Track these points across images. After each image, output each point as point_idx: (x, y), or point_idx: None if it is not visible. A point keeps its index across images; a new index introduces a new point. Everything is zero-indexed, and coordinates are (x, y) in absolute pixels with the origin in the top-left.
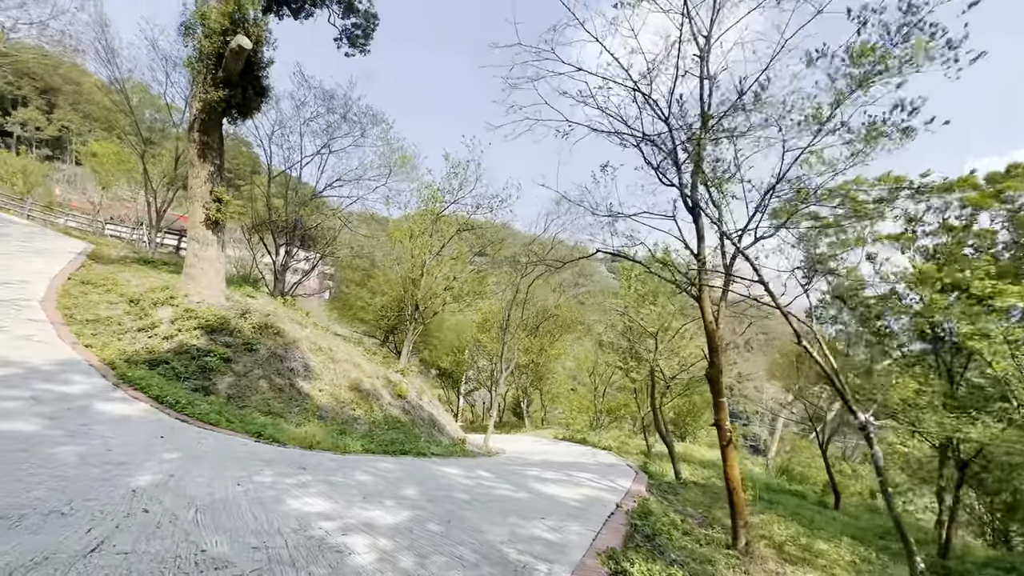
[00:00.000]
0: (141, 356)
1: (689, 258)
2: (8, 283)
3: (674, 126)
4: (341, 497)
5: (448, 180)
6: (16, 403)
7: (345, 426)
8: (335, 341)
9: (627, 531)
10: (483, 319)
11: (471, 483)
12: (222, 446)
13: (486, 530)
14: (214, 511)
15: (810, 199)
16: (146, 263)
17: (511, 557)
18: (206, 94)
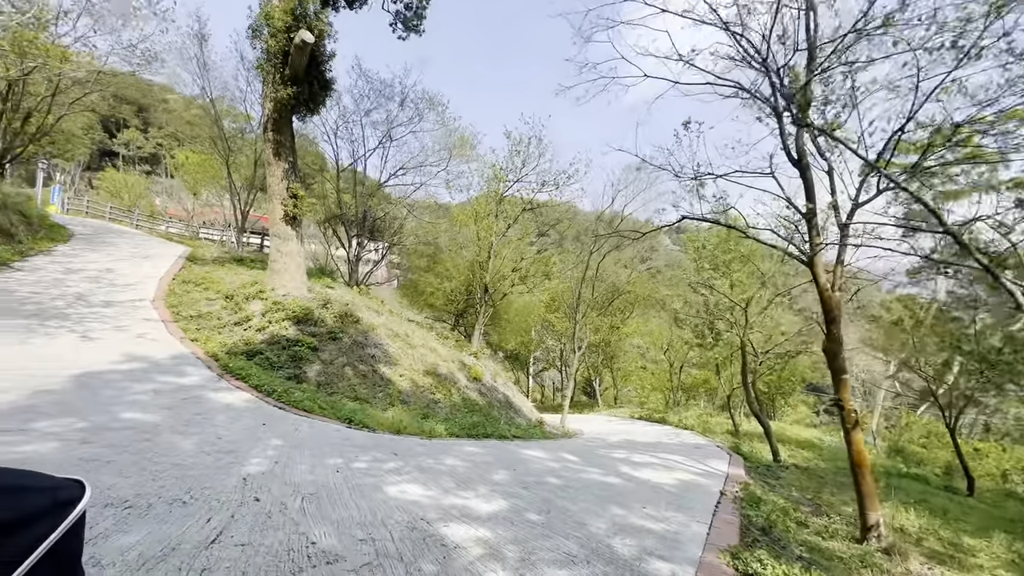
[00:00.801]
0: (239, 348)
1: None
2: (126, 286)
3: (773, 68)
4: (436, 484)
5: (510, 158)
6: (142, 396)
7: (427, 410)
8: (410, 327)
9: (740, 523)
10: (550, 299)
11: (560, 467)
12: (318, 433)
13: (587, 521)
14: (319, 500)
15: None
16: (236, 261)
17: (622, 552)
18: (276, 93)
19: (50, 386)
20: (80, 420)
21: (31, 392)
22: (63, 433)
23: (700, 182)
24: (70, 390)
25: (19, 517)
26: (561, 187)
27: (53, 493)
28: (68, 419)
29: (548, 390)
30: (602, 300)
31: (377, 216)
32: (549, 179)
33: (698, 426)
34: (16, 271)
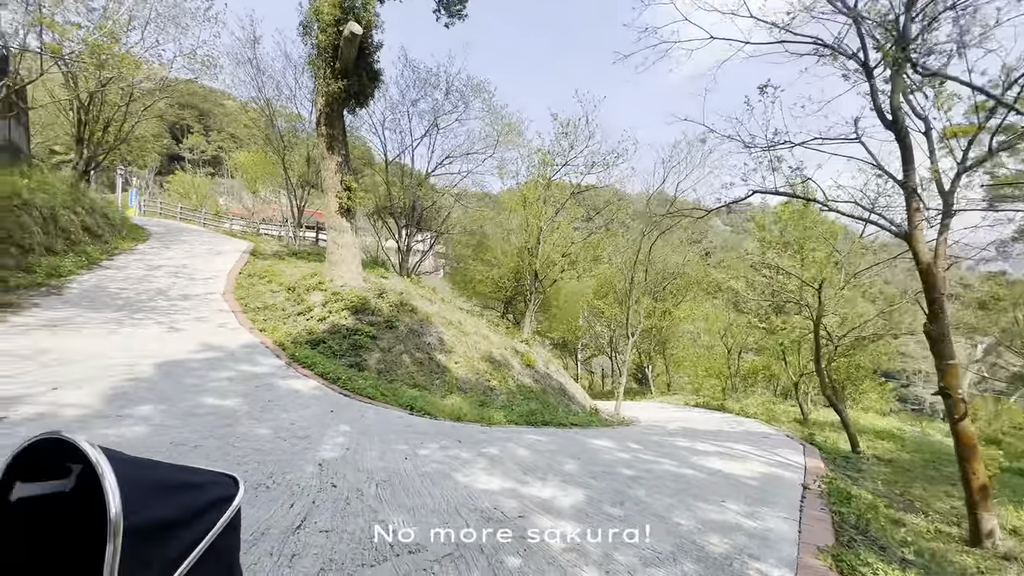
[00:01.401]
0: (303, 337)
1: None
2: (200, 280)
3: (864, 16)
4: (504, 473)
5: (558, 141)
6: (221, 383)
7: (484, 397)
8: (462, 315)
9: (832, 520)
10: (598, 285)
11: (627, 457)
12: (382, 419)
13: (667, 515)
14: (392, 487)
15: None
16: (294, 255)
17: (710, 550)
18: (327, 87)
19: (140, 374)
20: (169, 406)
21: (124, 379)
22: (155, 418)
23: (774, 152)
24: (157, 377)
25: (183, 515)
26: (610, 167)
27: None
28: (158, 405)
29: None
30: (654, 284)
31: (425, 206)
32: (598, 160)
33: (762, 414)
34: (106, 269)
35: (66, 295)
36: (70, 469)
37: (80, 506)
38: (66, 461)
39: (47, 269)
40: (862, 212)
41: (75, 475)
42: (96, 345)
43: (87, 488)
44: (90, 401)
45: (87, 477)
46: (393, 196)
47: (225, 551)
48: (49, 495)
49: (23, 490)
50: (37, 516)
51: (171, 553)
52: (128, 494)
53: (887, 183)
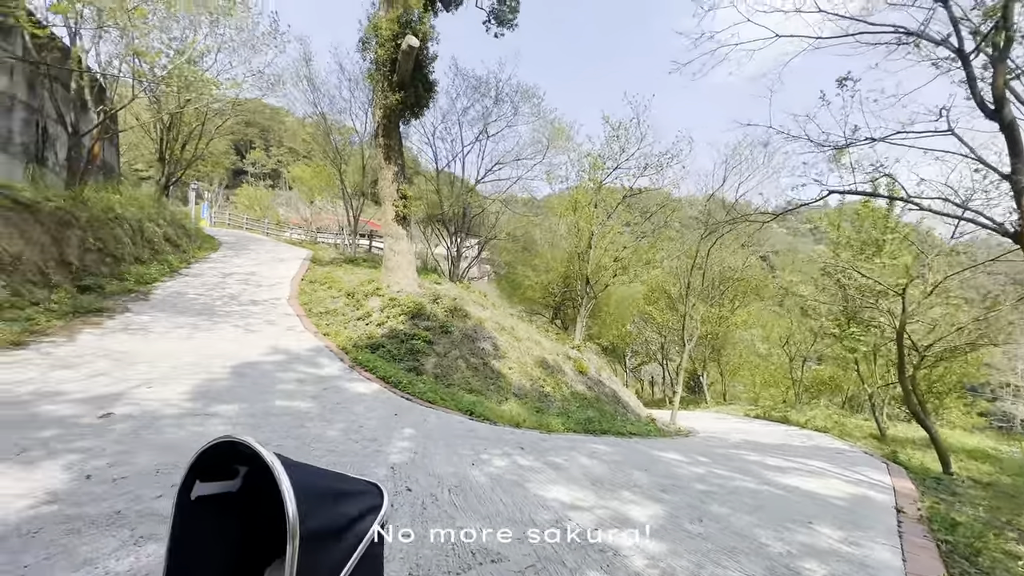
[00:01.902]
0: (363, 341)
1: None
2: (266, 286)
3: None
4: (573, 482)
5: (608, 144)
6: (291, 384)
7: (540, 404)
8: (514, 320)
9: (939, 549)
10: (649, 290)
11: (697, 470)
12: (444, 424)
13: (751, 534)
14: (464, 493)
15: None
16: (350, 262)
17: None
18: (385, 99)
19: (219, 375)
20: (247, 405)
21: (206, 379)
22: (236, 417)
23: (853, 149)
24: (235, 378)
25: (344, 522)
26: (663, 169)
27: (364, 498)
28: (239, 404)
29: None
30: (711, 289)
31: (475, 213)
32: (651, 162)
33: (832, 428)
34: (184, 276)
35: (152, 300)
36: (237, 471)
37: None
38: (234, 463)
39: (136, 276)
40: (954, 209)
41: (241, 476)
42: (180, 346)
43: (252, 488)
44: (179, 399)
45: (253, 478)
46: (443, 203)
47: (376, 559)
48: (220, 494)
49: (201, 489)
50: (211, 513)
51: (336, 557)
52: (300, 500)
53: (984, 178)
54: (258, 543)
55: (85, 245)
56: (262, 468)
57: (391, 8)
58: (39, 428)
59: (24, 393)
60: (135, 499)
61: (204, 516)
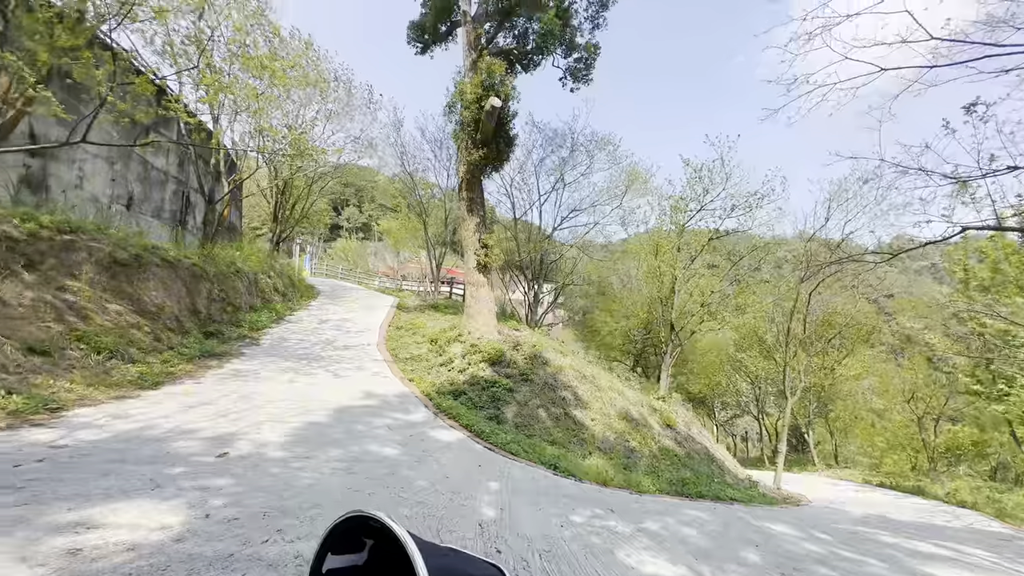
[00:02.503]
0: (446, 388)
1: None
2: (357, 332)
3: None
4: (672, 555)
5: (691, 186)
6: (381, 430)
7: (626, 459)
8: (594, 368)
9: None
10: (741, 337)
11: (820, 550)
12: (528, 478)
13: None
14: (556, 559)
15: None
16: (432, 308)
17: None
18: (469, 156)
19: (318, 418)
20: (343, 451)
21: (305, 423)
22: (331, 463)
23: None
24: (331, 422)
25: None
26: (753, 209)
27: None
28: (335, 449)
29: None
30: (814, 337)
31: (551, 260)
32: (738, 202)
33: (985, 505)
34: (288, 323)
35: (262, 345)
36: (364, 543)
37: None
38: (361, 536)
39: (250, 323)
40: None
41: (367, 549)
42: (284, 390)
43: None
44: (283, 441)
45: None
46: (520, 251)
47: None
48: (348, 567)
49: (332, 562)
50: None
51: None
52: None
53: None
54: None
55: (211, 295)
56: (390, 541)
57: (475, 74)
58: (170, 464)
59: (160, 431)
60: (245, 542)
61: None
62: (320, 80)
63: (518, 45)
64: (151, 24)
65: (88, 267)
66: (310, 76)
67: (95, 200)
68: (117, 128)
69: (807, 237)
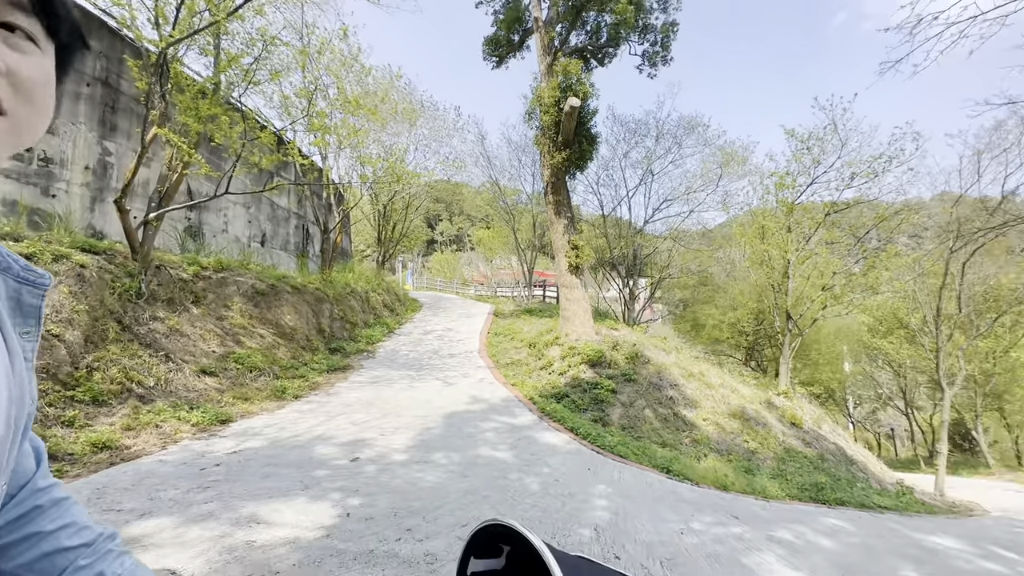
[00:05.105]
0: (548, 391)
1: None
2: (460, 340)
3: None
4: (811, 568)
5: (797, 159)
6: (489, 434)
7: (747, 462)
8: (702, 365)
9: None
10: (876, 320)
11: (1007, 572)
12: (640, 482)
13: None
14: (678, 568)
15: None
16: (527, 312)
17: None
18: (552, 159)
19: (432, 424)
20: (458, 455)
21: (423, 427)
22: (448, 466)
23: None
24: (443, 427)
25: None
26: (879, 175)
27: None
28: (450, 453)
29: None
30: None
31: (645, 254)
32: (859, 169)
33: None
34: (399, 335)
35: (377, 357)
36: (501, 549)
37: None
38: (498, 542)
39: (366, 338)
40: None
41: (504, 555)
42: (400, 397)
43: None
44: (405, 446)
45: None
46: (611, 248)
47: None
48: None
49: (475, 565)
50: None
51: None
52: None
53: None
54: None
55: (332, 315)
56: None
57: (551, 78)
58: (314, 467)
59: (304, 438)
60: (381, 540)
61: None
62: (409, 110)
63: (591, 41)
64: (268, 84)
65: (237, 299)
66: (399, 107)
67: (237, 240)
68: (250, 176)
69: (953, 199)
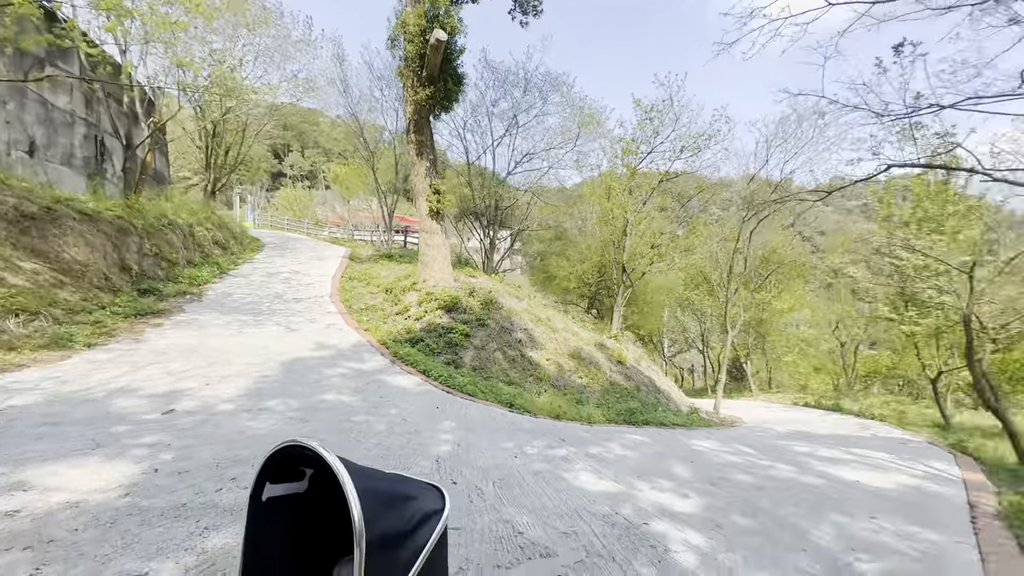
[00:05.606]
0: (403, 336)
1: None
2: (308, 284)
3: None
4: (616, 475)
5: (641, 128)
6: (336, 379)
7: (579, 395)
8: (549, 311)
9: (1021, 549)
10: (689, 276)
11: (742, 462)
12: (486, 417)
13: (806, 528)
14: (509, 486)
15: None
16: (386, 258)
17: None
18: (415, 95)
19: (269, 371)
20: (297, 401)
21: (257, 376)
22: (287, 412)
23: (914, 119)
24: (283, 374)
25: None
26: (701, 151)
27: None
28: (289, 400)
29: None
30: (753, 274)
31: (507, 205)
32: (687, 144)
33: (890, 416)
34: (232, 277)
35: (205, 301)
36: (304, 472)
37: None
38: (300, 465)
39: (189, 279)
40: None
41: (308, 478)
42: (232, 345)
43: (319, 489)
44: (233, 395)
45: (318, 480)
46: (475, 196)
47: (440, 562)
48: (289, 495)
49: (271, 490)
50: (281, 513)
51: (400, 562)
52: (366, 505)
53: None
54: (326, 541)
55: (143, 251)
56: (327, 471)
57: (418, 3)
58: (111, 424)
59: (97, 391)
60: (198, 492)
61: (275, 516)
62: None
63: None
64: None
65: None
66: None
67: None
68: (3, 60)
69: (749, 178)
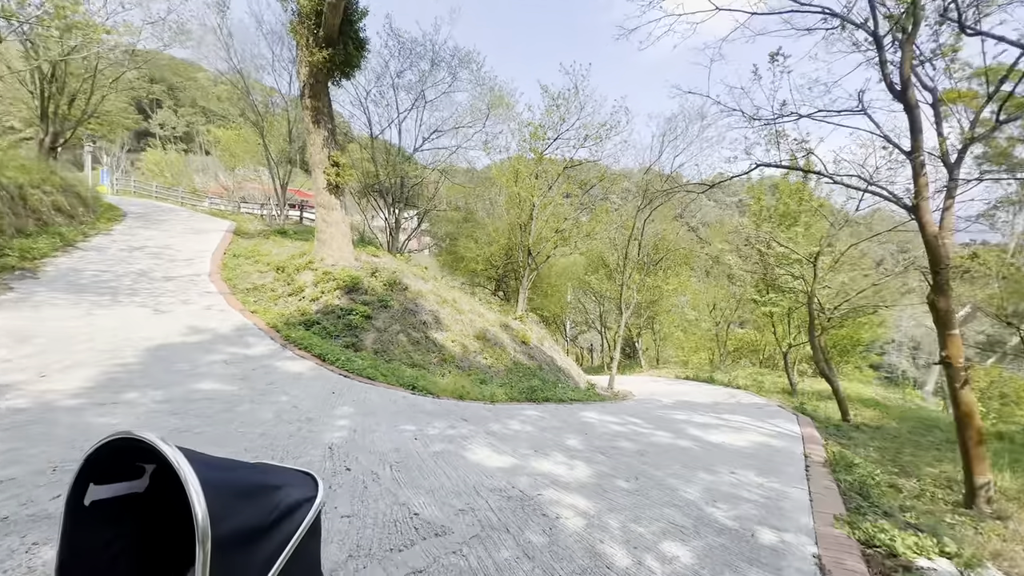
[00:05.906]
0: (296, 318)
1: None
2: (183, 261)
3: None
4: (514, 450)
5: (548, 114)
6: (215, 367)
7: (483, 375)
8: (456, 293)
9: (838, 487)
10: (589, 261)
11: (629, 431)
12: (386, 400)
13: (680, 487)
14: (407, 468)
15: None
16: (279, 234)
17: (728, 522)
18: (311, 57)
19: (128, 359)
20: (162, 391)
21: (112, 364)
22: (150, 404)
23: (778, 125)
24: (147, 362)
25: (268, 519)
26: (603, 140)
27: (292, 490)
28: (153, 391)
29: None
30: (646, 259)
31: (413, 183)
32: (591, 132)
33: (751, 385)
34: (83, 250)
35: (43, 278)
36: (143, 469)
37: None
38: (138, 461)
39: (20, 251)
40: (860, 183)
41: (148, 475)
42: (80, 330)
43: (162, 487)
44: (80, 388)
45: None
46: (379, 172)
47: (310, 553)
48: (125, 496)
49: (97, 492)
50: (113, 518)
51: (259, 558)
52: (212, 500)
53: (891, 154)
54: (174, 545)
55: None
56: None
57: None
58: None
59: None
60: (25, 503)
61: (102, 522)
62: None
63: None
64: None
65: None
66: None
67: None
68: None
69: (645, 169)
